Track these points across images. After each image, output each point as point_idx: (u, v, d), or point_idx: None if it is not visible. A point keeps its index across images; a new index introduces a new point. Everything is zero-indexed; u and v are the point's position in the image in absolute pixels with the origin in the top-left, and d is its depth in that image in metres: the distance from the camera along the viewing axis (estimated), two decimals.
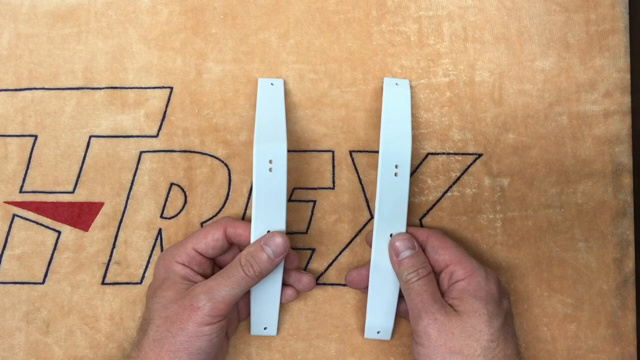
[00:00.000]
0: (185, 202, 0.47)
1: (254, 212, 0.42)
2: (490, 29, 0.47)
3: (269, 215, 0.42)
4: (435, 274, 0.43)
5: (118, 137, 0.47)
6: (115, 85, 0.47)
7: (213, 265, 0.45)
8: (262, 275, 0.41)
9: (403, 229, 0.43)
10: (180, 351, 0.39)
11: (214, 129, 0.47)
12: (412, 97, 0.47)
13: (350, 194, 0.47)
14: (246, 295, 0.44)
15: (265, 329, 0.46)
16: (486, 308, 0.39)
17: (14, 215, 0.47)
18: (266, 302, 0.45)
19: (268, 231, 0.42)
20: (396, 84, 0.46)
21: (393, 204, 0.43)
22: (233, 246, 0.45)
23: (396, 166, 0.42)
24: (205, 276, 0.43)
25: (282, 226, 0.42)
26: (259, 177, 0.42)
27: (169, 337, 0.40)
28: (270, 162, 0.41)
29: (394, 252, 0.42)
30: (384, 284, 0.44)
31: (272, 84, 0.46)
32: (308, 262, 0.47)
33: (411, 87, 0.47)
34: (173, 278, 0.42)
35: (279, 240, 0.41)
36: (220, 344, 0.41)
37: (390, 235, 0.43)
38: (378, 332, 0.45)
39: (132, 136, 0.47)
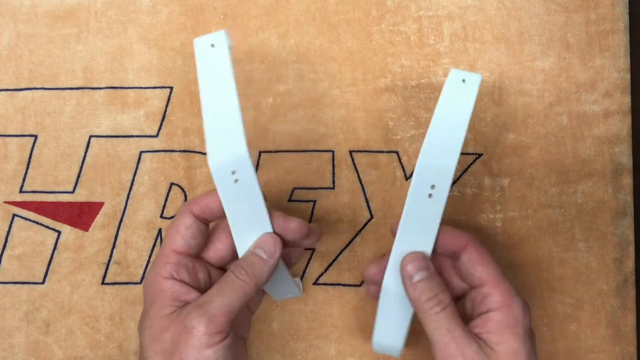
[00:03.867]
0: (185, 202, 0.47)
1: (233, 232, 0.37)
2: (490, 29, 0.47)
3: (250, 228, 0.37)
4: (454, 288, 0.39)
5: (118, 137, 0.47)
6: (115, 85, 0.47)
7: (208, 273, 0.39)
8: (257, 279, 0.37)
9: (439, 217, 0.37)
10: None
11: None
12: (412, 97, 0.47)
13: (350, 194, 0.47)
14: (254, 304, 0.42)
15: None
16: (524, 348, 0.35)
17: (14, 215, 0.47)
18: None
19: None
20: (463, 80, 0.37)
21: (420, 227, 0.37)
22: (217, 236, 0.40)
23: (432, 186, 0.36)
24: (200, 289, 0.38)
25: (268, 231, 0.38)
26: (225, 194, 0.36)
27: None
28: (233, 172, 0.36)
29: (406, 276, 0.37)
30: (396, 304, 0.38)
31: (212, 46, 0.37)
32: (308, 262, 0.47)
33: (412, 87, 0.47)
34: (161, 301, 0.36)
35: (267, 239, 0.37)
36: None
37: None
38: (385, 349, 0.40)
39: (132, 136, 0.47)
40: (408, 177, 0.46)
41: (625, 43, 0.46)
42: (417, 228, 0.37)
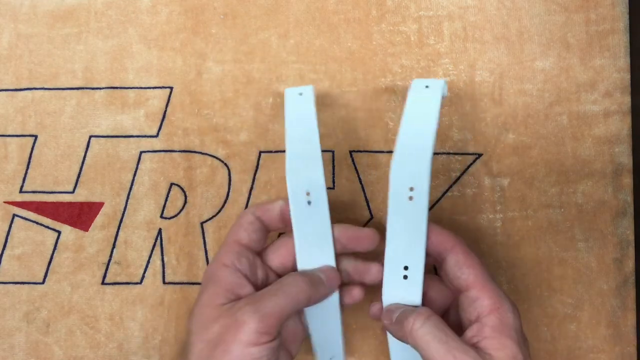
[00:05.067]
0: (185, 202, 0.47)
1: (297, 248, 0.39)
2: (491, 29, 0.47)
3: (313, 251, 0.39)
4: (443, 297, 0.39)
5: (118, 137, 0.47)
6: (115, 85, 0.47)
7: (266, 274, 0.40)
8: (313, 292, 0.37)
9: (421, 263, 0.38)
10: None
11: (214, 129, 0.47)
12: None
13: (350, 194, 0.46)
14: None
15: (331, 359, 0.42)
16: (521, 351, 0.34)
17: (14, 215, 0.47)
18: (328, 330, 0.41)
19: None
20: (426, 86, 0.39)
21: (407, 233, 0.37)
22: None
23: (411, 189, 0.37)
24: (257, 285, 0.38)
25: (331, 262, 0.39)
26: (296, 211, 0.38)
27: None
28: (308, 193, 0.38)
29: (386, 324, 0.37)
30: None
31: (300, 94, 0.42)
32: None
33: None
34: (215, 290, 0.36)
35: (331, 271, 0.38)
36: None
37: (405, 268, 0.38)
38: None
39: (132, 136, 0.47)
40: None
41: (625, 43, 0.46)
42: (405, 236, 0.38)
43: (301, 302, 0.36)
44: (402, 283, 0.38)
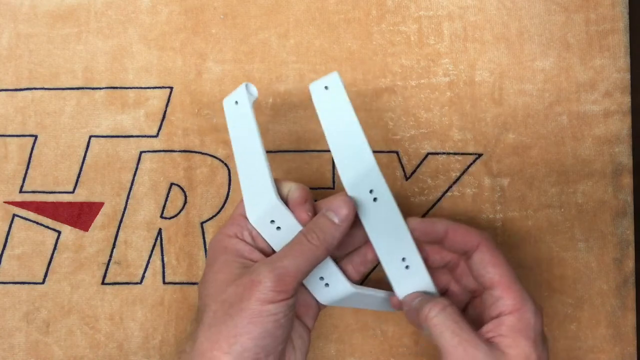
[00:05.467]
0: (185, 202, 0.47)
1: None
2: (491, 29, 0.47)
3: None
4: (466, 290, 0.39)
5: (118, 137, 0.47)
6: (115, 85, 0.47)
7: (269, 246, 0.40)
8: (328, 244, 0.36)
9: (414, 251, 0.38)
10: (241, 335, 0.34)
11: (214, 129, 0.47)
12: (412, 97, 0.47)
13: None
14: None
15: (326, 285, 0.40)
16: (536, 352, 0.34)
17: (14, 215, 0.47)
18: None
19: None
20: (325, 87, 0.39)
21: (388, 230, 0.38)
22: None
23: (371, 191, 0.37)
24: (264, 252, 0.38)
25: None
26: (271, 241, 0.38)
27: (228, 320, 0.34)
28: (272, 221, 0.38)
29: (407, 310, 0.38)
30: None
31: (236, 103, 0.40)
32: None
33: (412, 87, 0.47)
34: (226, 257, 0.37)
35: (339, 202, 0.37)
36: (289, 327, 0.36)
37: (403, 259, 0.38)
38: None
39: (132, 136, 0.47)
40: (408, 177, 0.46)
41: (625, 43, 0.46)
42: (388, 234, 0.38)
43: (319, 258, 0.36)
44: (406, 273, 0.39)
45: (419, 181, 0.46)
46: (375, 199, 0.37)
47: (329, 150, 0.46)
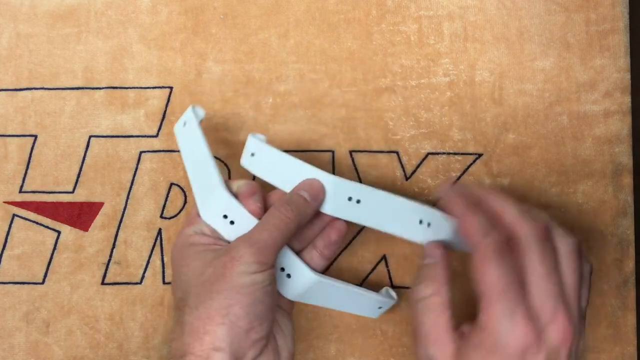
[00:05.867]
0: (185, 202, 0.47)
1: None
2: (491, 29, 0.47)
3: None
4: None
5: (118, 137, 0.47)
6: (115, 85, 0.47)
7: None
8: (301, 218, 0.38)
9: (423, 208, 0.39)
10: (232, 306, 0.34)
11: (214, 128, 0.47)
12: (412, 97, 0.47)
13: None
14: None
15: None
16: None
17: (14, 215, 0.47)
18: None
19: None
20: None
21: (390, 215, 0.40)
22: None
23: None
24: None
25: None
26: (227, 235, 0.39)
27: (215, 295, 0.34)
28: (225, 216, 0.39)
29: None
30: None
31: (184, 124, 0.42)
32: None
33: (412, 87, 0.47)
34: (195, 249, 0.38)
35: (312, 182, 0.38)
36: (275, 295, 0.37)
37: (420, 222, 0.39)
38: None
39: (132, 136, 0.47)
40: (408, 177, 0.46)
41: (626, 43, 0.46)
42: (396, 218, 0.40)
43: (292, 230, 0.37)
44: (430, 230, 0.40)
45: (419, 181, 0.46)
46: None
47: (328, 150, 0.47)
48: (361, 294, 0.42)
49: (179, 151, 0.47)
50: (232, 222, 0.39)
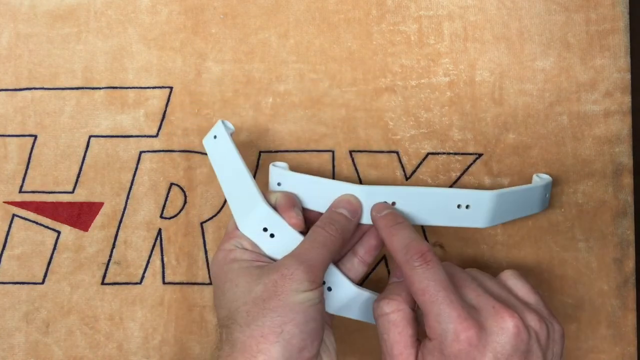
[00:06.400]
0: (185, 202, 0.47)
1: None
2: (491, 29, 0.47)
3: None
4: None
5: (118, 137, 0.47)
6: (115, 85, 0.47)
7: None
8: (344, 235, 0.38)
9: (462, 193, 0.40)
10: (286, 323, 0.34)
11: None
12: (412, 97, 0.47)
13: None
14: None
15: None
16: None
17: (14, 215, 0.47)
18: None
19: None
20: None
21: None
22: None
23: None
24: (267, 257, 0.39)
25: None
26: (267, 249, 0.39)
27: (268, 313, 0.34)
28: (265, 229, 0.39)
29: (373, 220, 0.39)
30: None
31: (215, 137, 0.42)
32: None
33: (412, 87, 0.47)
34: (239, 265, 0.37)
35: (349, 198, 0.39)
36: (324, 313, 0.36)
37: (458, 206, 0.40)
38: None
39: (131, 136, 0.47)
40: (408, 177, 0.46)
41: (626, 43, 0.46)
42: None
43: (338, 248, 0.38)
44: (468, 212, 0.40)
45: (419, 181, 0.46)
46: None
47: (328, 150, 0.47)
48: None
49: (179, 151, 0.47)
50: (272, 235, 0.39)
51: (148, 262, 0.47)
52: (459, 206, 0.40)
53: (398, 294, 0.36)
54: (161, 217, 0.47)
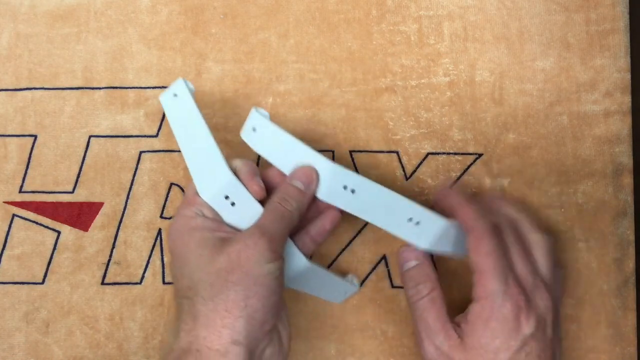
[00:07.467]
0: None
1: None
2: (491, 29, 0.47)
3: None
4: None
5: (118, 137, 0.47)
6: (115, 85, 0.47)
7: None
8: (300, 209, 0.38)
9: (413, 206, 0.39)
10: (250, 297, 0.34)
11: (214, 129, 0.47)
12: (412, 97, 0.46)
13: None
14: None
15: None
16: (494, 343, 0.36)
17: (14, 215, 0.47)
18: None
19: None
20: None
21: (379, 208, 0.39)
22: None
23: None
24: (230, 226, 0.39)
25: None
26: (227, 216, 0.39)
27: (232, 287, 0.34)
28: (227, 197, 0.38)
29: (399, 263, 0.40)
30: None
31: (175, 95, 0.41)
32: None
33: (412, 87, 0.47)
34: (200, 234, 0.37)
35: (303, 170, 0.38)
36: (283, 287, 0.37)
37: (410, 220, 0.39)
38: None
39: (131, 136, 0.47)
40: (408, 177, 0.46)
41: (626, 43, 0.46)
42: (382, 210, 0.40)
43: (295, 221, 0.38)
44: (418, 229, 0.40)
45: (419, 181, 0.46)
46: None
47: (328, 150, 0.47)
48: (337, 281, 0.43)
49: (179, 151, 0.47)
50: (233, 204, 0.38)
51: (148, 262, 0.47)
52: (410, 219, 0.39)
53: (427, 276, 0.39)
54: (161, 217, 0.47)
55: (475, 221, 0.38)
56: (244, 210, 0.38)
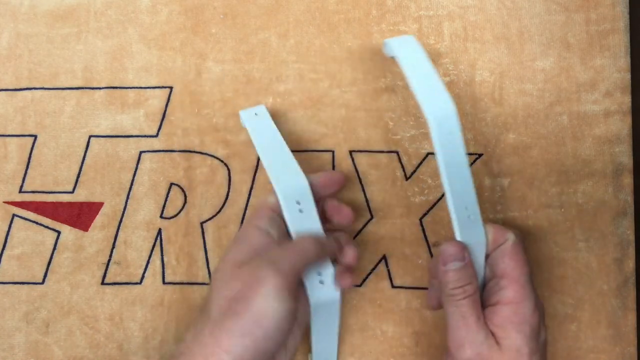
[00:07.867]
0: (185, 202, 0.47)
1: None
2: (491, 29, 0.47)
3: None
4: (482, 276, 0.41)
5: (118, 137, 0.47)
6: (115, 85, 0.47)
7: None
8: (323, 251, 0.39)
9: (474, 201, 0.40)
10: (244, 336, 0.35)
11: (214, 128, 0.47)
12: (412, 97, 0.46)
13: (351, 193, 0.46)
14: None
15: None
16: (528, 346, 0.37)
17: (14, 215, 0.47)
18: (326, 338, 0.44)
19: None
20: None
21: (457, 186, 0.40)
22: None
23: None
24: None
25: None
26: (291, 219, 0.40)
27: (233, 317, 0.35)
28: (298, 202, 0.40)
29: (441, 260, 0.39)
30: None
31: (256, 114, 0.45)
32: None
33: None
34: (241, 247, 0.39)
35: (334, 239, 0.40)
36: (287, 333, 0.37)
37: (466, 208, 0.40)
38: None
39: (131, 136, 0.47)
40: (408, 177, 0.46)
41: (626, 43, 0.46)
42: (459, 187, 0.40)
43: (311, 258, 0.39)
44: (468, 222, 0.40)
45: (419, 181, 0.46)
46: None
47: (328, 150, 0.47)
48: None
49: (179, 151, 0.47)
50: (301, 211, 0.40)
51: (148, 262, 0.47)
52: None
53: (473, 277, 0.39)
54: (161, 217, 0.47)
55: (510, 232, 0.40)
56: (306, 222, 0.40)
